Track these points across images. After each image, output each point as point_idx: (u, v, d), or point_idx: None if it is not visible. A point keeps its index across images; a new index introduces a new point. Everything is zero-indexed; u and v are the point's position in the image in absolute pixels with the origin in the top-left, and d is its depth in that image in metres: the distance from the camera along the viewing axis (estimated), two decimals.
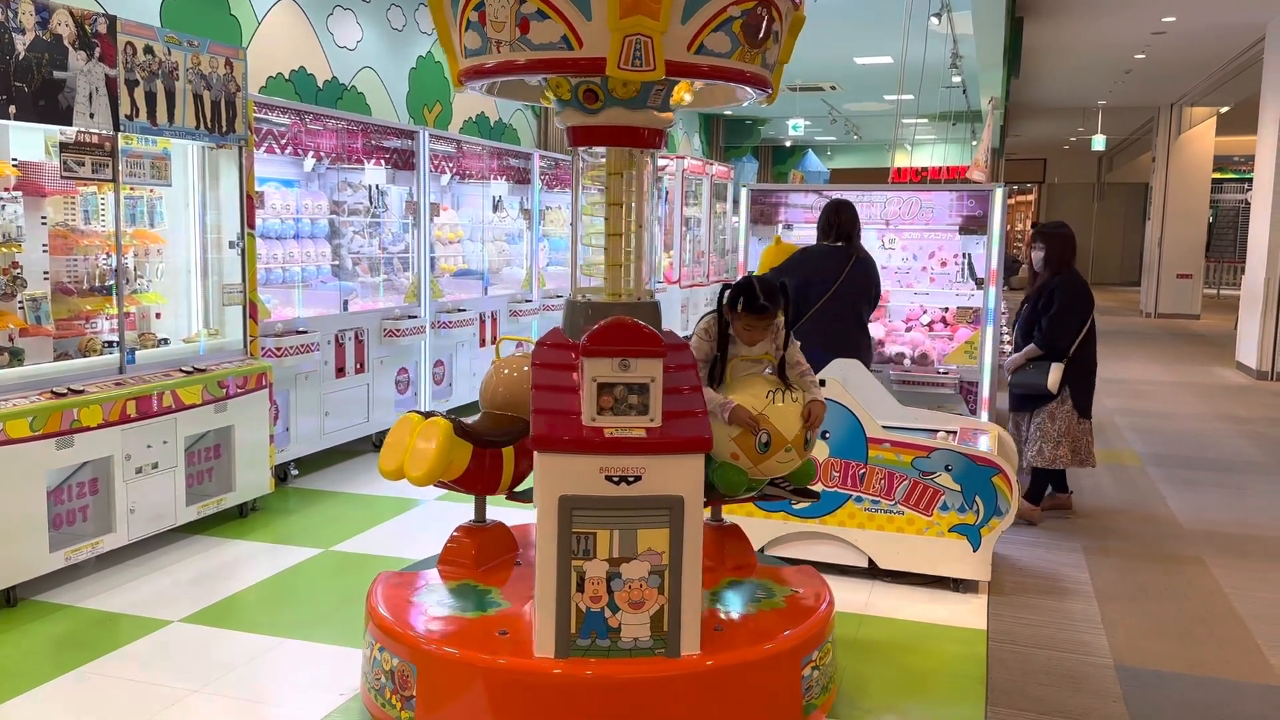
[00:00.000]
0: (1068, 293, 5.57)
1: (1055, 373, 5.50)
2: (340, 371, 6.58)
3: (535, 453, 2.92)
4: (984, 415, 6.10)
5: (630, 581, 2.92)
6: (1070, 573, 4.86)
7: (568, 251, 3.53)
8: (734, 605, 3.35)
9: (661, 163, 13.85)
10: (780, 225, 6.86)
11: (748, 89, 3.21)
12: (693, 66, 2.89)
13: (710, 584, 3.44)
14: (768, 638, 3.12)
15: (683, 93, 3.24)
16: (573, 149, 3.33)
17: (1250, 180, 15.86)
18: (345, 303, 6.81)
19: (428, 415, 3.44)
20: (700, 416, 3.01)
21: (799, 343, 3.51)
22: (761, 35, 2.95)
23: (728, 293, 3.39)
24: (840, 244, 5.21)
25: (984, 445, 4.58)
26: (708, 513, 3.78)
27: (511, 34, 2.92)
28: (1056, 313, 5.56)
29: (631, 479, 2.91)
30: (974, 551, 4.39)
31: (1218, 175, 23.05)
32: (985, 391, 6.13)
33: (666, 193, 13.78)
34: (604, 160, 3.28)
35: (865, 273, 5.24)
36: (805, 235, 6.50)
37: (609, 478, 2.90)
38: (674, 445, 2.92)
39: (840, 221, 5.21)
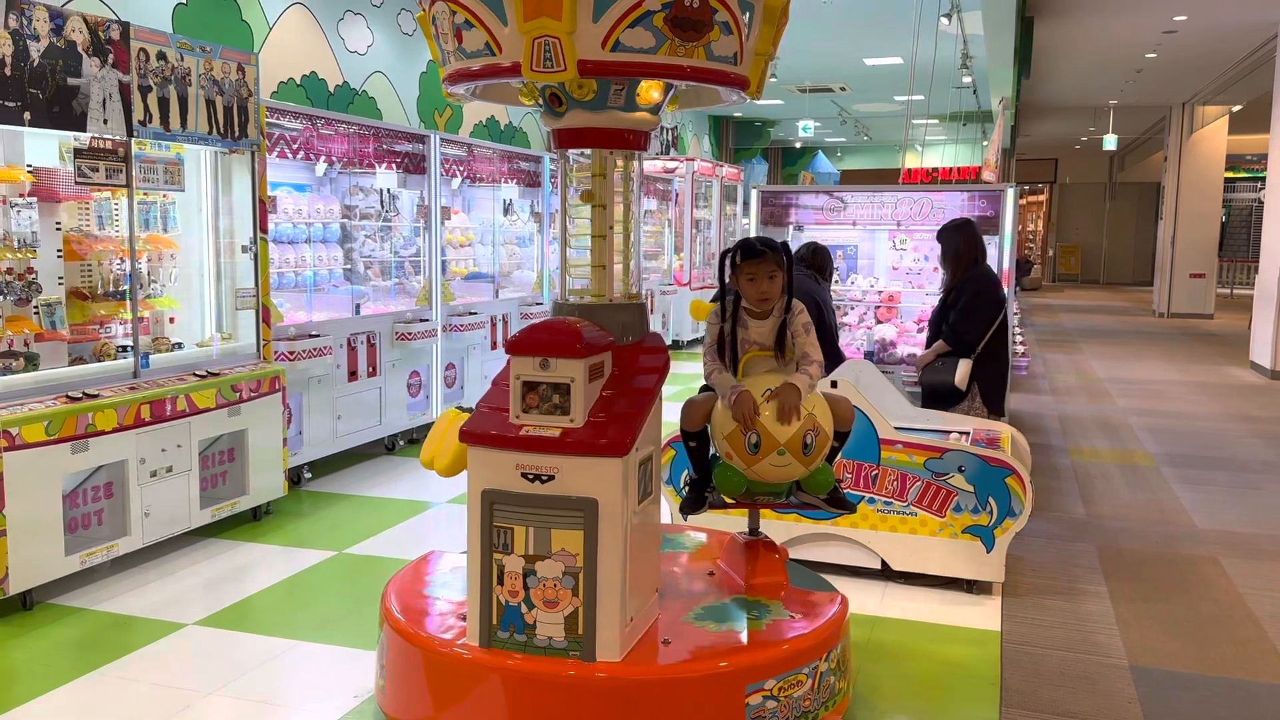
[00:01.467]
0: (974, 288, 5.48)
1: (963, 368, 5.37)
2: (353, 375, 6.60)
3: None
4: None
5: (545, 580, 2.93)
6: (1084, 574, 4.84)
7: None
8: (711, 621, 3.19)
9: (671, 165, 13.88)
10: (791, 226, 6.87)
11: (722, 87, 3.12)
12: (611, 64, 2.82)
13: (720, 597, 3.40)
14: (711, 659, 2.96)
15: (651, 91, 3.12)
16: (557, 151, 3.34)
17: (1263, 179, 15.79)
18: (357, 306, 6.83)
19: (467, 411, 3.51)
20: (632, 420, 2.93)
21: (813, 335, 3.37)
22: (698, 27, 2.82)
23: (726, 259, 3.40)
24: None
25: (997, 446, 4.56)
26: (744, 520, 3.71)
27: (453, 44, 2.98)
28: (963, 307, 5.46)
29: (545, 478, 2.91)
30: (987, 553, 4.38)
31: (1230, 174, 22.94)
32: None
33: (677, 195, 13.80)
34: (582, 162, 3.28)
35: (805, 294, 5.24)
36: (814, 236, 6.54)
37: (525, 474, 2.92)
38: (584, 447, 2.88)
39: (802, 251, 5.70)
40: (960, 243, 5.57)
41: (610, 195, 3.25)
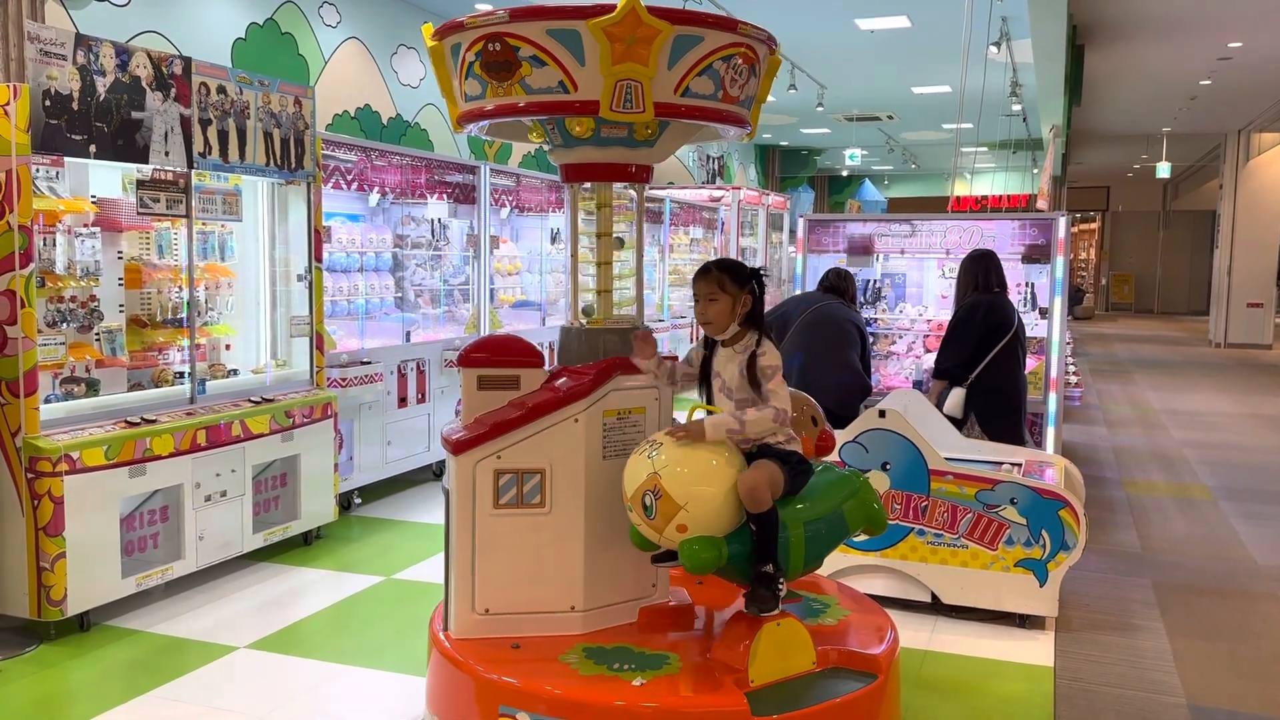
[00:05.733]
0: (958, 315, 5.40)
1: (952, 397, 5.27)
2: (402, 401, 6.67)
3: None
4: (1050, 447, 6.01)
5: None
6: (1140, 609, 4.74)
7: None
8: (578, 656, 3.06)
9: (717, 193, 13.94)
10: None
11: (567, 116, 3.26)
12: (468, 114, 3.30)
13: (657, 648, 3.13)
14: (499, 670, 2.99)
15: (574, 126, 3.24)
16: (564, 183, 3.55)
17: None
18: (407, 334, 6.92)
19: None
20: (480, 430, 3.17)
21: (777, 382, 2.98)
22: (506, 67, 3.09)
23: None
24: (820, 291, 5.71)
25: (1050, 477, 4.50)
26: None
27: None
28: (944, 337, 5.45)
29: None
30: (1040, 587, 4.31)
31: None
32: (1051, 422, 6.03)
33: (723, 223, 13.83)
34: (588, 193, 3.54)
35: (832, 317, 5.43)
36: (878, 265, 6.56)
37: None
38: (445, 439, 3.27)
39: (830, 277, 5.77)
40: (963, 271, 5.54)
41: (612, 224, 3.45)
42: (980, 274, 5.42)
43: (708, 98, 3.16)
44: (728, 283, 3.04)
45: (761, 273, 3.11)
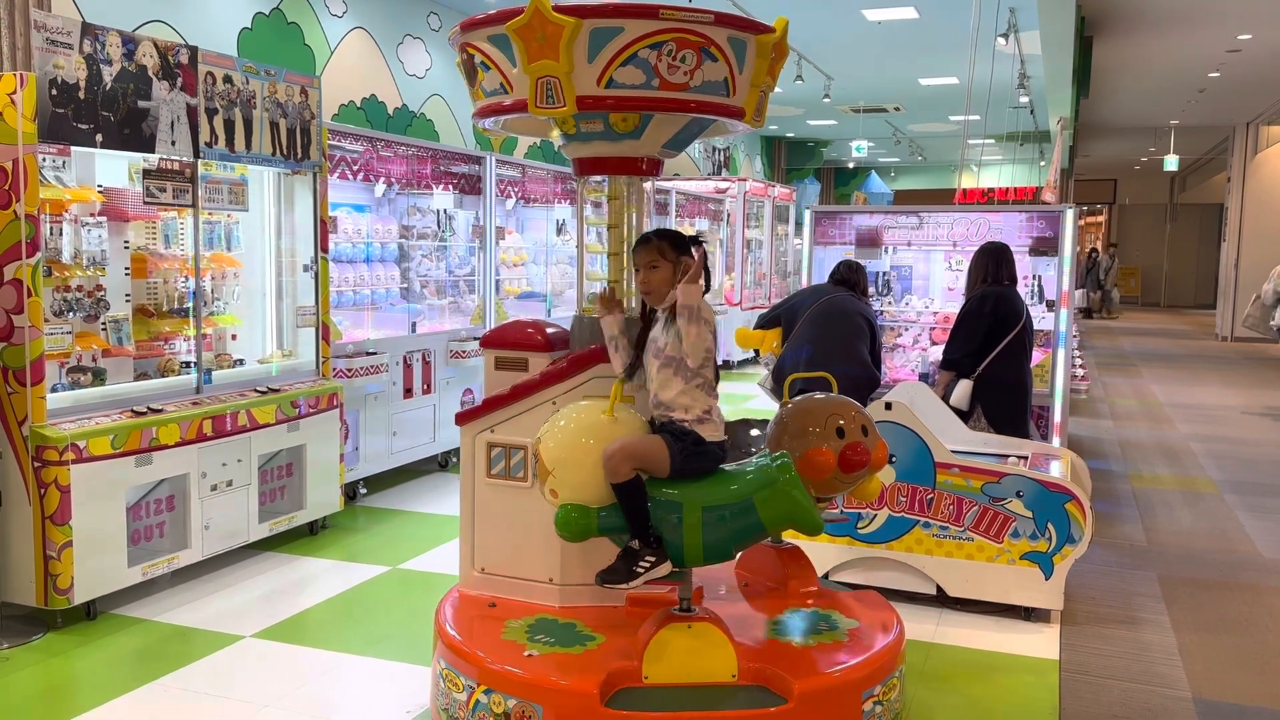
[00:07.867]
0: (967, 307, 5.40)
1: (958, 389, 5.24)
2: (408, 392, 6.67)
3: None
4: (1056, 440, 6.00)
5: None
6: (1146, 602, 4.74)
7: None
8: (521, 624, 3.23)
9: (723, 185, 13.93)
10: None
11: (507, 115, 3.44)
12: (480, 110, 3.49)
13: (605, 634, 3.14)
14: (465, 630, 3.23)
15: (559, 126, 3.41)
16: (578, 177, 3.63)
17: None
18: (413, 325, 6.92)
19: None
20: (488, 403, 3.47)
21: (702, 330, 2.92)
22: (471, 74, 3.40)
23: None
24: (831, 284, 5.64)
25: (1056, 471, 4.49)
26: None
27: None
28: (953, 327, 5.45)
29: None
30: (1046, 580, 4.30)
31: None
32: (1057, 415, 6.02)
33: (728, 215, 13.81)
34: (593, 186, 3.68)
35: (841, 309, 5.37)
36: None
37: None
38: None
39: (841, 269, 5.68)
40: (974, 264, 5.51)
41: (623, 217, 3.51)
42: (991, 266, 5.39)
43: (639, 87, 3.12)
44: (668, 250, 3.11)
45: (700, 240, 3.17)
